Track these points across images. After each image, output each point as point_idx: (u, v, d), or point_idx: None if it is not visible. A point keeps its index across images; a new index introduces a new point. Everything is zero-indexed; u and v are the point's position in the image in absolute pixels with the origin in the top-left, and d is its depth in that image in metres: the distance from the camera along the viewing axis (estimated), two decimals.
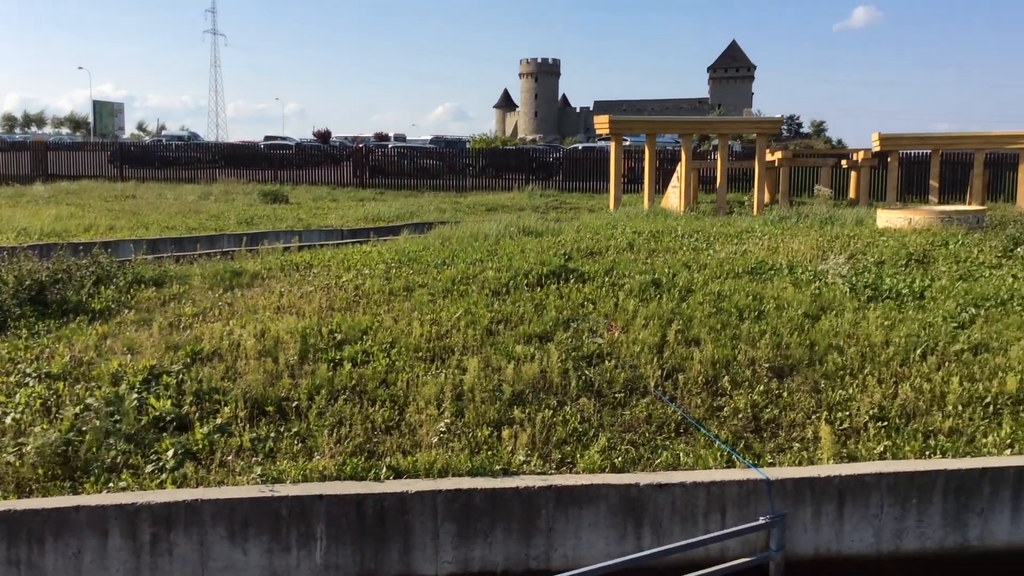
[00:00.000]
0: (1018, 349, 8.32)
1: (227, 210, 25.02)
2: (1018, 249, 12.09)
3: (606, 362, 8.00)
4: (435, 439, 6.81)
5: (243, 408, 7.11)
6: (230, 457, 6.55)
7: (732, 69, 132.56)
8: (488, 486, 6.15)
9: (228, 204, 27.38)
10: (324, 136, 72.11)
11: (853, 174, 27.49)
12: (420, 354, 8.12)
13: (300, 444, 6.73)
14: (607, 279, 10.31)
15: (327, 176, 39.55)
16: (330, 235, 20.33)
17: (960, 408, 7.34)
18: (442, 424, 6.97)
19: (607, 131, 23.10)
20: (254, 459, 6.52)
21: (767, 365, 8.02)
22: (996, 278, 10.64)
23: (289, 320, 8.81)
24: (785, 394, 7.64)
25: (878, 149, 25.29)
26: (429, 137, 76.48)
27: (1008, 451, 6.80)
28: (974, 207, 17.11)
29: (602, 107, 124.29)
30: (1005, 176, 29.35)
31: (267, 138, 67.45)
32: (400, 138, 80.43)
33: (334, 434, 6.80)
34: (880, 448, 6.83)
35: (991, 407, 7.39)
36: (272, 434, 6.83)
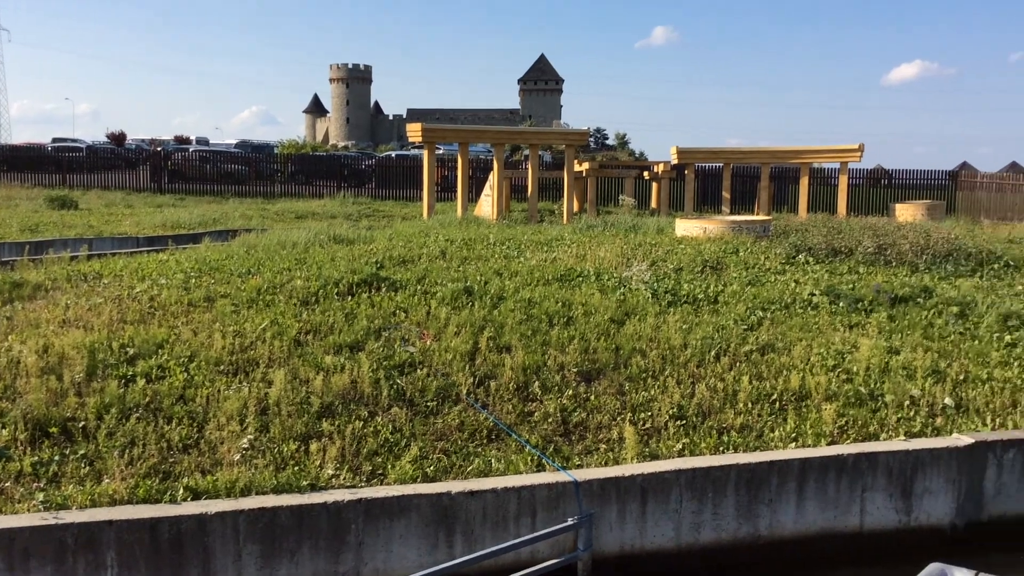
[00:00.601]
0: (800, 349, 8.95)
1: (8, 217, 23.08)
2: (799, 256, 13.03)
3: (418, 371, 7.94)
4: (237, 456, 6.51)
5: (23, 430, 6.54)
6: (8, 483, 6.00)
7: (541, 82, 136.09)
8: (294, 503, 5.95)
9: (10, 210, 25.27)
10: (119, 139, 67.98)
11: (655, 185, 28.82)
12: (222, 368, 7.76)
13: (88, 467, 6.25)
14: (419, 287, 10.26)
15: (122, 181, 37.29)
16: (124, 243, 19.16)
17: (750, 405, 7.81)
18: (245, 440, 6.68)
19: (420, 139, 23.08)
20: (36, 485, 6.00)
21: (576, 370, 8.22)
22: (780, 283, 11.41)
23: (76, 334, 8.19)
24: (592, 397, 7.85)
25: (676, 162, 26.66)
26: (234, 141, 73.75)
27: (793, 444, 7.29)
28: (761, 217, 18.33)
29: (415, 115, 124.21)
30: (788, 188, 31.69)
31: (55, 140, 62.78)
32: (203, 141, 77.00)
33: (125, 455, 6.37)
34: (679, 446, 7.15)
35: (777, 403, 7.90)
36: (56, 457, 6.31)
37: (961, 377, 8.53)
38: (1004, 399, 8.20)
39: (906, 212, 23.50)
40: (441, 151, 38.68)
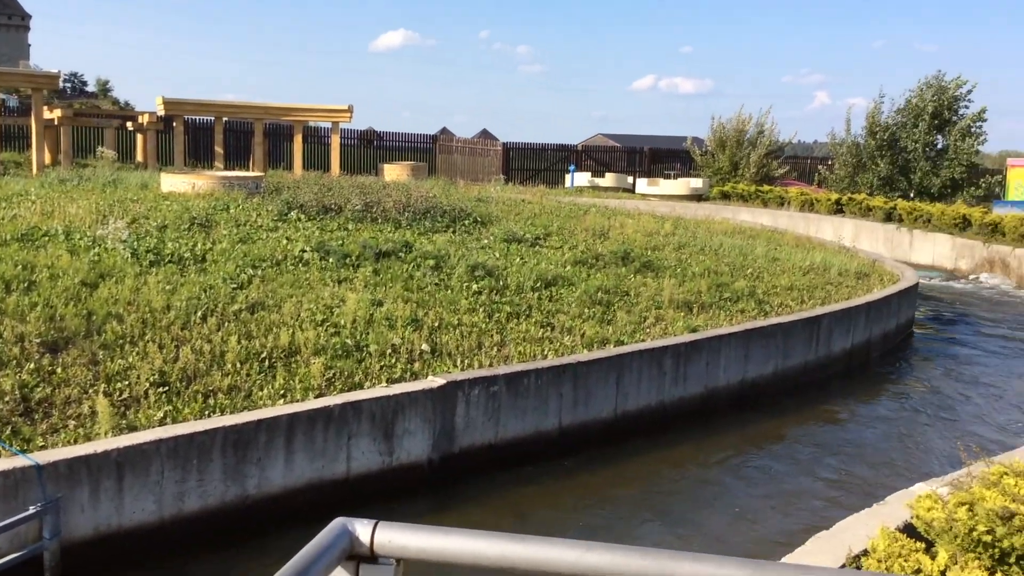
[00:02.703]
0: (290, 305, 8.98)
1: None
2: (291, 213, 13.09)
3: None
4: None
5: None
6: None
7: (4, 16, 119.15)
8: None
9: None
10: None
11: (140, 137, 26.93)
12: None
13: None
14: None
15: None
16: None
17: (239, 365, 7.63)
18: None
19: None
20: None
21: (39, 340, 7.30)
22: (272, 240, 11.35)
23: None
24: (60, 370, 7.05)
25: (163, 113, 25.14)
26: None
27: (282, 400, 7.29)
28: (254, 173, 18.09)
29: None
30: (284, 146, 31.81)
31: None
32: None
33: None
34: (161, 414, 6.73)
35: (267, 361, 7.83)
36: None
37: (436, 324, 9.26)
38: (471, 342, 9.08)
39: (393, 172, 24.97)
40: None
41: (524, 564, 1.34)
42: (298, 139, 26.25)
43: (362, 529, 1.39)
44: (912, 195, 32.72)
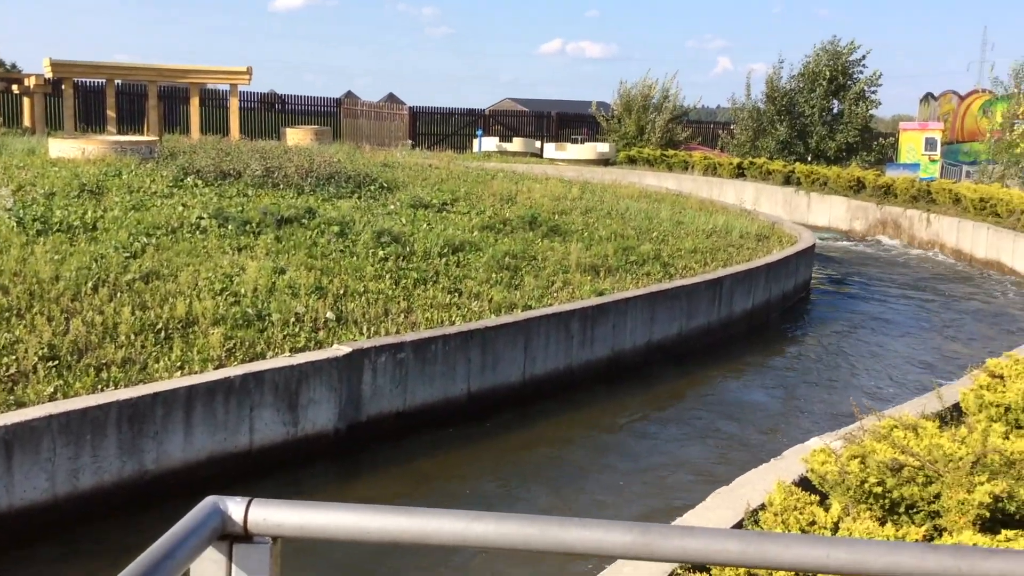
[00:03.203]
0: (187, 274, 8.70)
1: None
2: (188, 179, 12.66)
3: None
4: None
5: None
6: None
7: None
8: None
9: None
10: None
11: (27, 101, 25.60)
12: None
13: None
14: None
15: None
16: None
17: (133, 337, 7.36)
18: None
19: None
20: None
21: None
22: (167, 207, 10.96)
23: None
24: None
25: (51, 76, 23.92)
26: None
27: (179, 372, 7.07)
28: (148, 138, 17.42)
29: None
30: (181, 109, 30.70)
31: None
32: None
33: None
34: (51, 389, 6.45)
35: (163, 332, 7.58)
36: None
37: (341, 292, 9.11)
38: (378, 309, 8.97)
39: (296, 136, 24.39)
40: None
41: (409, 537, 1.31)
42: (195, 102, 25.36)
43: (235, 507, 1.33)
44: (810, 159, 33.66)
